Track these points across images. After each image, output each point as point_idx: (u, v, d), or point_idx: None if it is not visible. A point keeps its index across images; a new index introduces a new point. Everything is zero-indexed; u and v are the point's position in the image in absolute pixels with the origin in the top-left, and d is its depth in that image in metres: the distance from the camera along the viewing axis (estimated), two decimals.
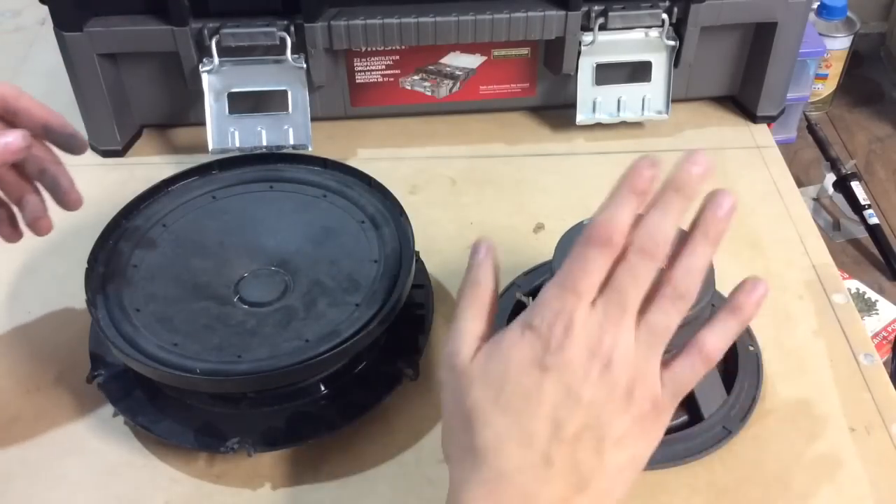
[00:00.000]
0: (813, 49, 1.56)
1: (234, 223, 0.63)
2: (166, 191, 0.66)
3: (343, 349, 0.54)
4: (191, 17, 0.73)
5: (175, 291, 0.58)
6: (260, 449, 0.54)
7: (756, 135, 0.84)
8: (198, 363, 0.53)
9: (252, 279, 0.59)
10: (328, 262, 0.60)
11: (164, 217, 0.64)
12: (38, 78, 0.92)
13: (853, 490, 0.54)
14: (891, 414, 0.58)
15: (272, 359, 0.54)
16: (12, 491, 0.55)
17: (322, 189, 0.66)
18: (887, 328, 1.39)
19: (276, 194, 0.66)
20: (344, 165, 0.67)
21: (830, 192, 1.70)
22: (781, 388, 0.60)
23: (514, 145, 0.83)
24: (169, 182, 0.66)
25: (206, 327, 0.56)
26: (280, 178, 0.67)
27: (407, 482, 0.56)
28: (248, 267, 0.60)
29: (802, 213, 0.75)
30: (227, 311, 0.57)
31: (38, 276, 0.70)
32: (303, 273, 0.59)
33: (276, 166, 0.68)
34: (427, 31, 0.75)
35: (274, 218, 0.64)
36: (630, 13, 0.76)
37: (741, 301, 0.43)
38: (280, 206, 0.65)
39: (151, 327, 0.56)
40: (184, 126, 0.84)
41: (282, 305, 0.57)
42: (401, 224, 0.62)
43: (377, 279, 0.58)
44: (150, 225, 0.63)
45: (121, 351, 0.53)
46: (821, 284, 0.68)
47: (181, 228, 0.63)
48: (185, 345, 0.54)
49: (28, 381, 0.62)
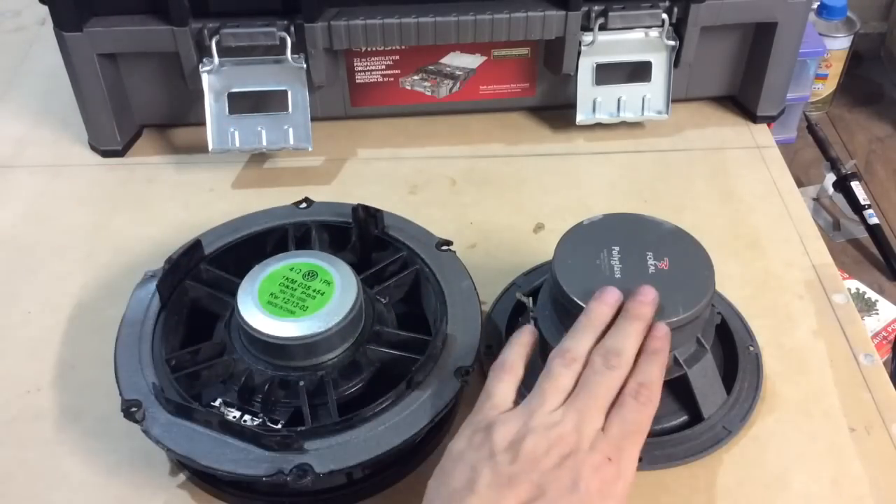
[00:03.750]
0: (813, 49, 1.56)
1: None
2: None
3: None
4: (191, 17, 0.73)
5: None
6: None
7: (756, 135, 0.84)
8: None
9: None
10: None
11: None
12: (38, 78, 0.93)
13: (853, 490, 0.54)
14: (891, 414, 0.58)
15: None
16: (12, 491, 0.55)
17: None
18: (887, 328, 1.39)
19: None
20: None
21: (830, 192, 1.70)
22: (781, 388, 0.60)
23: (514, 145, 0.83)
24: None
25: None
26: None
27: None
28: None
29: (802, 213, 0.75)
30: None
31: (38, 276, 0.70)
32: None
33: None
34: (427, 31, 0.75)
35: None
36: (630, 13, 0.76)
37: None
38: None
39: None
40: (184, 126, 0.84)
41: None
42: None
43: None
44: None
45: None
46: (821, 284, 0.68)
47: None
48: None
49: (28, 381, 0.62)
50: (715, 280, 0.53)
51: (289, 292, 0.55)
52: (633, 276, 0.52)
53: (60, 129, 0.85)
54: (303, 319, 0.54)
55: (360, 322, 0.56)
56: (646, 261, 0.53)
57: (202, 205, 0.76)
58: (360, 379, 0.56)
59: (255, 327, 0.54)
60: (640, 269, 0.53)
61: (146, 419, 0.52)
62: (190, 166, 0.80)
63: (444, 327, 0.56)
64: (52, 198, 0.78)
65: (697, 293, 0.52)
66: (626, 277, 0.52)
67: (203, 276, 0.61)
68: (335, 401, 0.53)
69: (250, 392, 0.54)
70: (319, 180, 0.79)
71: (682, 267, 0.53)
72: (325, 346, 0.54)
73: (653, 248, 0.54)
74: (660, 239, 0.55)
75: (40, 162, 0.82)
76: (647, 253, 0.54)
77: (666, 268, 0.53)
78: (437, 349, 0.55)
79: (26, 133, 0.85)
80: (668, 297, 0.51)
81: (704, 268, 0.54)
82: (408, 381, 0.53)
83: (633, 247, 0.54)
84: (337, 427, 0.51)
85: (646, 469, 0.55)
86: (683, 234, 0.56)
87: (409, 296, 0.62)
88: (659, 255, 0.54)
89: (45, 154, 0.83)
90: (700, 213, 0.75)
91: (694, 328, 0.54)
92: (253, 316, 0.54)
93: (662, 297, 0.51)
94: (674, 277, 0.53)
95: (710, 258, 0.54)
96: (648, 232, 0.55)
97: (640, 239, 0.54)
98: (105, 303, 0.66)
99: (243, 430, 0.50)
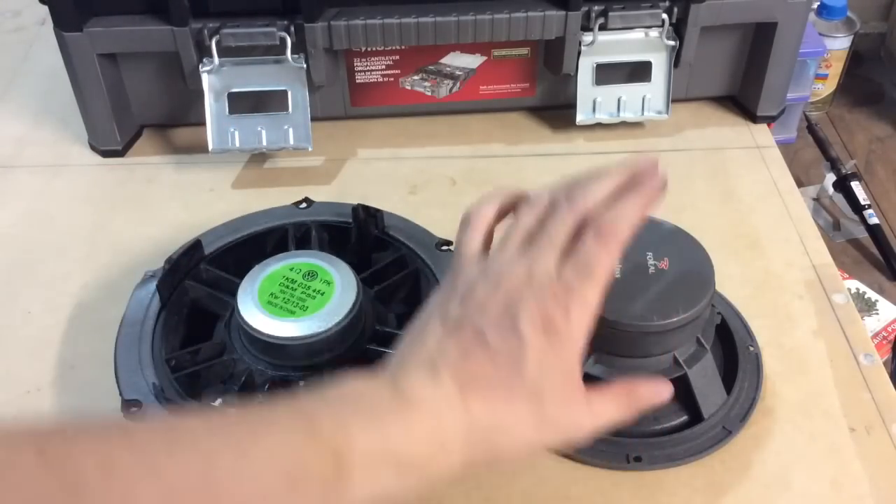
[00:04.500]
0: (813, 49, 1.56)
1: None
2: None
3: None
4: (191, 17, 0.73)
5: None
6: None
7: (756, 135, 0.84)
8: None
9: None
10: None
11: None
12: (38, 78, 0.93)
13: (853, 490, 0.54)
14: (891, 414, 0.58)
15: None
16: None
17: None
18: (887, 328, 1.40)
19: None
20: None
21: (830, 192, 1.71)
22: (781, 388, 0.60)
23: (514, 145, 0.83)
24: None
25: None
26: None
27: None
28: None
29: (802, 213, 0.75)
30: None
31: (38, 276, 0.70)
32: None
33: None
34: (427, 31, 0.75)
35: None
36: (630, 13, 0.76)
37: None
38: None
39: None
40: (184, 126, 0.84)
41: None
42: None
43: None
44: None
45: None
46: (821, 284, 0.68)
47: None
48: None
49: (28, 381, 0.62)
50: (715, 280, 0.53)
51: (289, 292, 0.55)
52: (633, 276, 0.52)
53: (60, 129, 0.85)
54: (303, 319, 0.54)
55: (360, 322, 0.56)
56: (646, 260, 0.53)
57: (202, 205, 0.76)
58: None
59: (255, 327, 0.54)
60: (640, 268, 0.53)
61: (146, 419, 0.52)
62: (190, 166, 0.80)
63: None
64: (52, 198, 0.78)
65: (697, 293, 0.52)
66: (625, 277, 0.52)
67: (203, 276, 0.61)
68: None
69: (250, 392, 0.54)
70: (319, 180, 0.79)
71: (682, 267, 0.53)
72: (325, 346, 0.54)
73: (652, 248, 0.54)
74: (660, 239, 0.55)
75: (40, 162, 0.82)
76: (647, 253, 0.54)
77: (666, 268, 0.53)
78: None
79: (26, 133, 0.85)
80: (667, 297, 0.51)
81: (704, 268, 0.54)
82: None
83: (632, 247, 0.54)
84: None
85: (646, 469, 0.55)
86: (683, 234, 0.56)
87: (409, 296, 0.62)
88: (659, 255, 0.54)
89: (45, 154, 0.83)
90: (700, 214, 0.75)
91: (694, 328, 0.54)
92: (253, 316, 0.54)
93: (662, 297, 0.51)
94: (674, 277, 0.52)
95: (710, 258, 0.54)
96: (648, 232, 0.55)
97: (640, 239, 0.54)
98: (105, 303, 0.66)
99: None
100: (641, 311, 0.51)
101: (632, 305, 0.51)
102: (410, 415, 0.40)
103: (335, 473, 0.37)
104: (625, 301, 0.51)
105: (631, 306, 0.51)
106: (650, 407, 0.46)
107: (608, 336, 0.51)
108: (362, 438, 0.38)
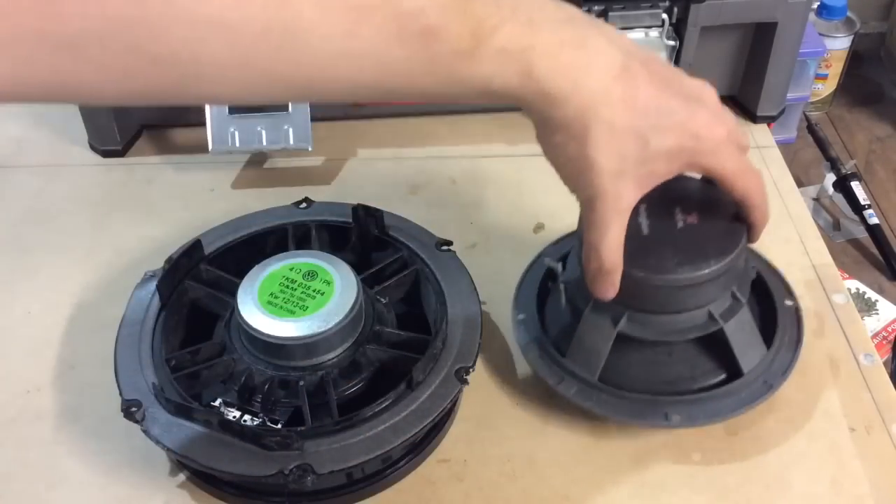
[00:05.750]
0: (813, 49, 1.56)
1: None
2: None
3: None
4: None
5: None
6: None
7: (756, 135, 0.84)
8: None
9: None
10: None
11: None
12: None
13: (853, 490, 0.54)
14: (891, 414, 0.58)
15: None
16: (12, 491, 0.55)
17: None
18: (887, 328, 1.40)
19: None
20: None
21: (830, 192, 1.71)
22: (781, 387, 0.60)
23: (514, 145, 0.83)
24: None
25: None
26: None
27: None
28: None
29: (802, 213, 0.75)
30: None
31: (38, 276, 0.70)
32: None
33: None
34: None
35: None
36: (630, 13, 0.76)
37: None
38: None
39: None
40: (184, 126, 0.84)
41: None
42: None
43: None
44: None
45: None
46: (821, 284, 0.68)
47: None
48: None
49: (28, 381, 0.62)
50: (746, 231, 0.52)
51: (289, 292, 0.55)
52: (662, 232, 0.52)
53: (60, 129, 0.85)
54: (303, 319, 0.54)
55: (360, 322, 0.56)
56: (674, 216, 0.52)
57: (202, 205, 0.76)
58: (360, 379, 0.55)
59: (255, 327, 0.54)
60: (669, 224, 0.52)
61: (146, 419, 0.52)
62: (190, 166, 0.80)
63: (444, 327, 0.56)
64: (52, 198, 0.78)
65: (729, 243, 0.51)
66: (654, 234, 0.51)
67: (203, 276, 0.61)
68: (335, 401, 0.53)
69: (250, 392, 0.54)
70: (319, 180, 0.79)
71: (712, 220, 0.52)
72: (325, 346, 0.54)
73: (680, 203, 0.53)
74: (687, 194, 0.54)
75: (40, 162, 0.82)
76: (675, 208, 0.53)
77: (696, 222, 0.52)
78: (437, 349, 0.55)
79: (26, 133, 0.85)
80: (698, 249, 0.50)
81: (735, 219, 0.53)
82: (407, 381, 0.53)
83: (659, 203, 0.52)
84: (337, 427, 0.51)
85: (685, 426, 0.54)
86: (711, 187, 0.53)
87: (409, 296, 0.62)
88: (687, 209, 0.53)
89: (45, 154, 0.83)
90: None
91: (728, 280, 0.53)
92: (253, 316, 0.54)
93: (693, 250, 0.50)
94: (704, 231, 0.52)
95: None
96: (674, 188, 0.52)
97: (667, 196, 0.51)
98: (105, 303, 0.66)
99: (243, 430, 0.50)
100: (672, 264, 0.50)
101: (662, 260, 0.50)
102: (570, 49, 0.43)
103: (471, 42, 0.40)
104: (655, 256, 0.50)
105: (661, 261, 0.50)
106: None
107: (640, 293, 0.51)
108: (513, 31, 0.41)
